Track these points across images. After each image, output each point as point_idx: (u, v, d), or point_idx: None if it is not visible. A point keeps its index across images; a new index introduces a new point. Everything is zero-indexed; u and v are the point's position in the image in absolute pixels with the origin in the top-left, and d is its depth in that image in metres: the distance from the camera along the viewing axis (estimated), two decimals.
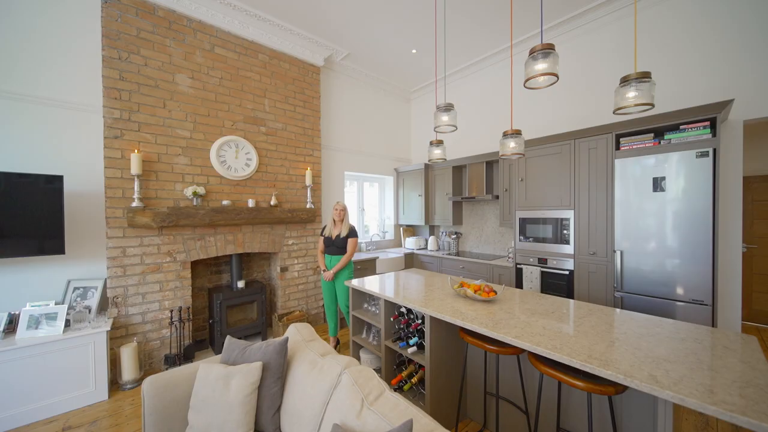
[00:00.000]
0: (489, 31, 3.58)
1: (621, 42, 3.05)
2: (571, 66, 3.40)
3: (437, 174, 4.61)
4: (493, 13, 3.26)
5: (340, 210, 3.06)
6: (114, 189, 2.57)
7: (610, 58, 3.12)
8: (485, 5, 3.13)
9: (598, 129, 2.73)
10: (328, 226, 3.09)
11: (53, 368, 2.16)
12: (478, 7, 3.17)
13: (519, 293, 2.16)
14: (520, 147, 2.05)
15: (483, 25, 3.45)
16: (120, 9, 2.59)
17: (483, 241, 4.33)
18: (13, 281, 2.33)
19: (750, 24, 2.43)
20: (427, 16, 3.30)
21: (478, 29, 3.54)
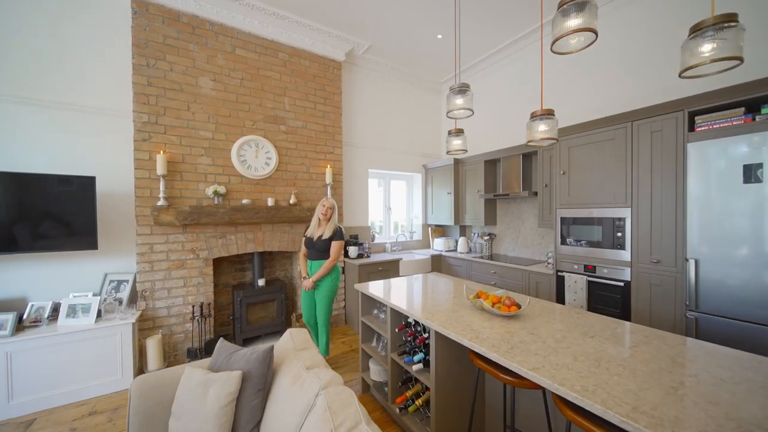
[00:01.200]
0: (527, 5, 3.14)
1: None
2: (622, 32, 2.82)
3: (468, 169, 4.24)
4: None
5: (327, 207, 2.64)
6: (142, 189, 2.72)
7: (679, 14, 2.50)
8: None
9: (665, 106, 2.19)
10: (312, 225, 2.68)
11: (85, 355, 2.33)
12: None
13: (551, 308, 1.79)
14: (553, 131, 1.69)
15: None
16: (148, 18, 2.74)
17: (519, 243, 3.86)
18: (59, 273, 2.58)
19: None
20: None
21: (514, 4, 3.12)
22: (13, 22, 2.41)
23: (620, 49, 2.89)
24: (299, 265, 2.73)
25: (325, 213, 2.64)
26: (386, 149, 4.50)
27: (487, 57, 4.13)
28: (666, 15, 2.60)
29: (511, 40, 3.75)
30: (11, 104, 2.41)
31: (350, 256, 3.81)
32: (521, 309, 1.61)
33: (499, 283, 3.46)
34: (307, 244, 2.65)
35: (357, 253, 3.83)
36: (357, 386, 2.43)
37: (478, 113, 4.39)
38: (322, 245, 2.61)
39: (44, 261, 2.52)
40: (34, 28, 2.47)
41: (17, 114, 2.43)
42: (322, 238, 2.60)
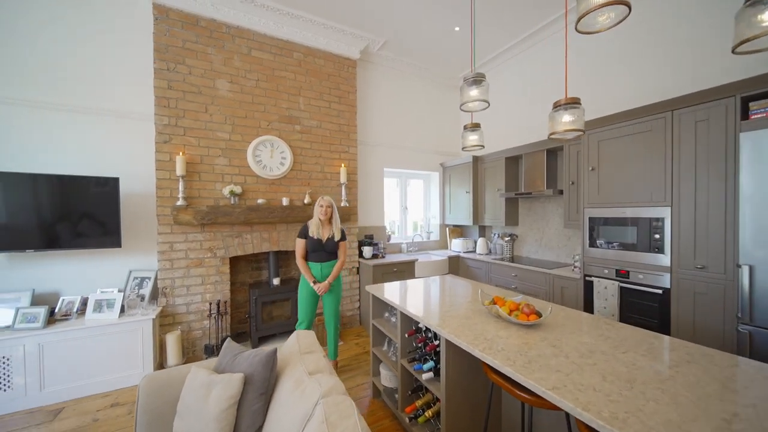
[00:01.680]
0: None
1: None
2: (660, 9, 2.55)
3: (487, 167, 4.05)
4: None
5: (326, 207, 2.51)
6: (163, 189, 2.81)
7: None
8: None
9: (713, 92, 1.94)
10: (313, 227, 2.49)
11: (110, 349, 2.44)
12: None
13: (576, 318, 1.63)
14: (579, 122, 1.53)
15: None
16: (168, 24, 2.82)
17: (543, 245, 3.63)
18: (88, 269, 2.72)
19: None
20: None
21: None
22: (48, 34, 2.56)
23: (657, 30, 2.62)
24: (302, 272, 2.49)
25: (325, 212, 2.51)
26: (402, 147, 4.41)
27: (508, 49, 3.93)
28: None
29: (533, 29, 3.54)
30: (45, 110, 2.56)
31: (364, 256, 3.76)
32: (542, 318, 1.47)
33: (520, 287, 3.27)
34: (315, 246, 2.48)
35: (371, 253, 3.77)
36: (368, 391, 2.37)
37: (498, 108, 4.20)
38: (332, 246, 2.54)
39: (74, 258, 2.66)
40: (64, 40, 2.61)
41: (49, 119, 2.58)
42: (333, 240, 2.53)
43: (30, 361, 2.20)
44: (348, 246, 3.73)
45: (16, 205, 2.34)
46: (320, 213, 2.51)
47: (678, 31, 2.50)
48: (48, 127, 2.57)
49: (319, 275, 2.52)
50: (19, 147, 2.49)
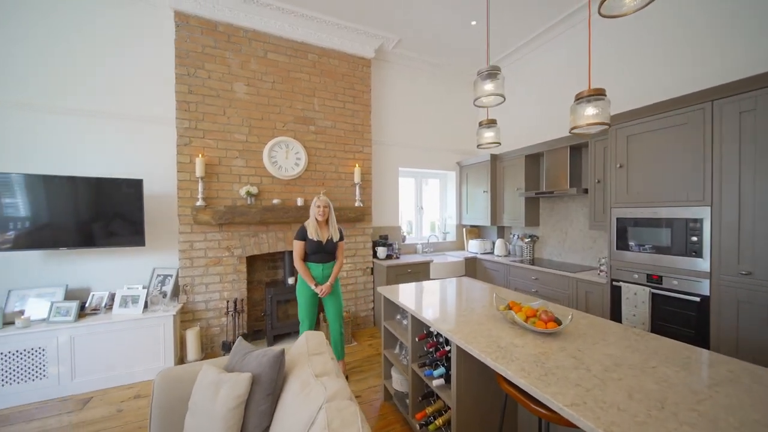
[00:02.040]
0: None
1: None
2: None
3: (506, 165, 3.90)
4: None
5: (323, 207, 2.43)
6: (184, 190, 2.91)
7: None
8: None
9: (762, 78, 1.74)
10: (311, 228, 2.42)
11: (134, 342, 2.55)
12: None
13: (601, 326, 1.51)
14: (604, 115, 1.41)
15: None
16: (189, 30, 2.92)
17: (567, 247, 3.44)
18: (117, 266, 2.86)
19: None
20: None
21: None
22: (82, 47, 2.71)
23: (690, 13, 2.40)
24: (301, 275, 2.42)
25: (322, 213, 2.43)
26: (418, 147, 4.34)
27: (527, 42, 3.76)
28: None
29: (555, 20, 3.37)
30: (78, 116, 2.72)
31: (378, 256, 3.73)
32: (561, 326, 1.37)
33: (541, 291, 3.12)
34: (315, 248, 2.42)
35: (386, 253, 3.73)
36: (380, 393, 2.34)
37: (518, 104, 4.04)
38: (332, 247, 2.49)
39: (103, 255, 2.81)
40: (95, 52, 2.76)
41: (80, 124, 2.73)
42: (332, 241, 2.48)
43: (63, 352, 2.34)
44: (363, 246, 3.74)
45: (55, 206, 2.51)
46: (317, 213, 2.43)
47: (715, 13, 2.28)
48: (80, 131, 2.73)
49: (320, 276, 2.46)
50: (57, 151, 2.66)
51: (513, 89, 4.11)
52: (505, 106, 4.17)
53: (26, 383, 2.25)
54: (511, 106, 4.13)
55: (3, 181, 2.39)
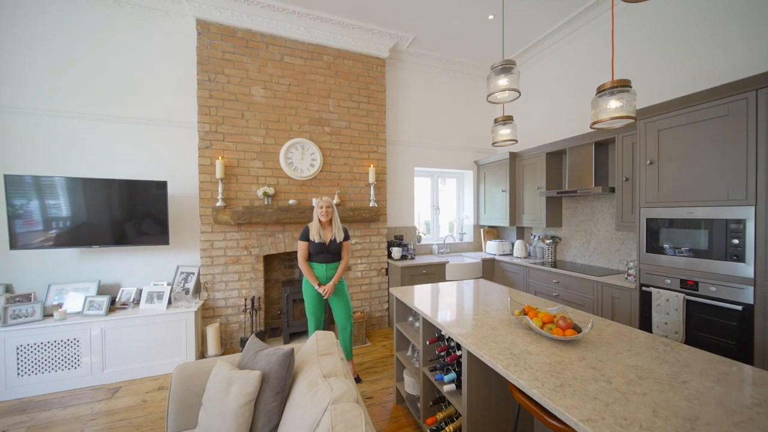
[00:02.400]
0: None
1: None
2: None
3: (526, 164, 3.76)
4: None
5: (326, 208, 2.42)
6: (205, 191, 3.03)
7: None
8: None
9: None
10: (314, 229, 2.42)
11: (159, 336, 2.68)
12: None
13: (627, 335, 1.40)
14: (629, 108, 1.31)
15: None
16: (209, 37, 3.03)
17: (592, 249, 3.26)
18: (144, 264, 3.02)
19: None
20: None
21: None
22: (113, 58, 2.89)
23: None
24: (305, 275, 2.43)
25: (324, 213, 2.43)
26: (434, 146, 4.28)
27: (548, 35, 3.60)
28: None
29: (577, 11, 3.20)
30: (108, 122, 2.90)
31: (393, 257, 3.71)
32: (581, 333, 1.29)
33: (562, 295, 2.97)
34: (318, 248, 2.41)
35: (400, 254, 3.70)
36: (392, 395, 2.31)
37: (538, 100, 3.88)
38: (336, 248, 2.48)
39: (132, 253, 2.97)
40: (124, 62, 2.93)
41: (110, 129, 2.91)
42: (336, 241, 2.47)
43: (94, 343, 2.50)
44: (377, 246, 3.73)
45: (92, 207, 2.68)
46: (320, 214, 2.43)
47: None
48: (111, 136, 2.90)
49: (323, 277, 2.45)
50: (88, 155, 2.84)
51: (533, 85, 3.95)
52: (525, 103, 4.03)
53: (62, 371, 2.41)
54: (530, 102, 3.98)
55: (48, 183, 2.59)
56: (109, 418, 2.12)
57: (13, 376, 2.29)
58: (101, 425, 2.05)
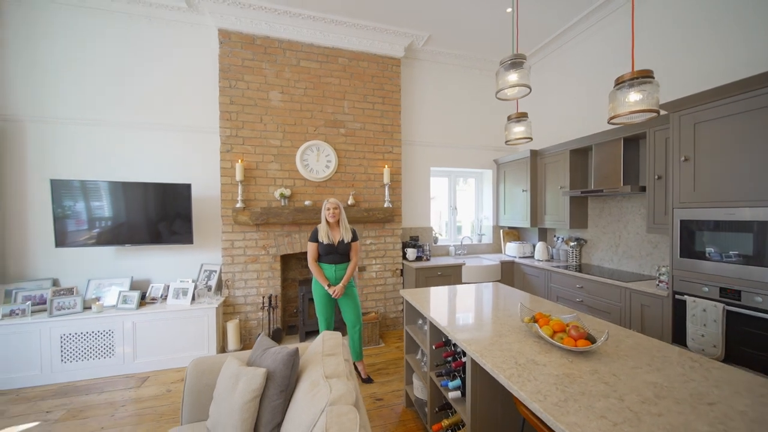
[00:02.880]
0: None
1: None
2: None
3: (548, 162, 3.58)
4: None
5: (333, 209, 2.46)
6: (226, 193, 3.17)
7: None
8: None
9: None
10: (322, 230, 2.46)
11: (183, 330, 2.84)
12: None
13: (649, 347, 1.29)
14: (650, 101, 1.21)
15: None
16: (230, 46, 3.17)
17: (621, 252, 3.04)
18: (171, 261, 3.21)
19: None
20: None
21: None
22: (142, 70, 3.10)
23: None
24: (315, 275, 2.48)
25: (332, 215, 2.46)
26: (451, 145, 4.19)
27: (570, 27, 3.41)
28: None
29: (598, 3, 3.00)
30: (137, 129, 3.11)
31: (408, 258, 3.68)
32: (594, 344, 1.20)
33: (587, 301, 2.80)
34: (327, 249, 2.45)
35: (415, 255, 3.66)
36: (402, 398, 2.29)
37: (561, 95, 3.69)
38: (345, 248, 2.50)
39: (160, 252, 3.17)
40: (153, 73, 3.13)
41: (139, 136, 3.12)
42: (344, 242, 2.48)
43: (127, 335, 2.69)
44: (392, 247, 3.71)
45: (129, 208, 2.89)
46: (328, 215, 2.47)
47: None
48: (139, 142, 3.11)
49: (332, 277, 2.48)
50: (118, 159, 3.07)
51: (556, 79, 3.76)
52: (546, 98, 3.85)
53: (99, 360, 2.63)
54: (553, 97, 3.79)
55: (93, 187, 2.83)
56: (137, 405, 2.27)
57: (57, 362, 2.53)
58: (130, 411, 2.21)
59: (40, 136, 2.88)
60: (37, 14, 2.86)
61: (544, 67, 3.97)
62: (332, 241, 2.46)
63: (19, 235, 2.85)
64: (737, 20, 2.19)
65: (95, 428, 2.02)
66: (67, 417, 2.13)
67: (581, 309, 2.85)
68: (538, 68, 4.06)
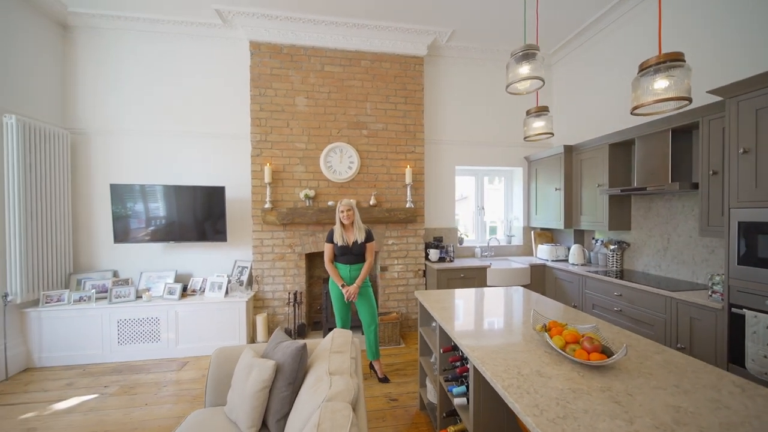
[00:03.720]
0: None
1: None
2: None
3: (585, 158, 3.30)
4: None
5: (346, 211, 2.49)
6: (256, 194, 3.38)
7: None
8: None
9: None
10: (337, 232, 2.52)
11: (218, 321, 3.09)
12: None
13: (683, 367, 1.14)
14: (679, 87, 1.07)
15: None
16: (260, 56, 3.38)
17: (670, 258, 2.71)
18: (209, 257, 3.51)
19: None
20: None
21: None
22: (184, 83, 3.43)
23: None
24: (330, 275, 2.56)
25: (346, 217, 2.50)
26: (478, 143, 4.05)
27: (605, 14, 3.10)
28: None
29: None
30: (176, 136, 3.44)
31: (430, 259, 3.62)
32: (610, 359, 1.09)
33: (626, 310, 2.54)
34: (342, 250, 2.51)
35: (438, 256, 3.59)
36: (417, 401, 2.27)
37: (597, 86, 3.38)
38: (359, 249, 2.52)
39: (200, 248, 3.48)
40: (195, 87, 3.44)
41: (180, 143, 3.45)
42: (358, 242, 2.51)
43: (170, 323, 3.00)
44: (414, 248, 3.68)
45: (178, 209, 3.22)
46: (342, 218, 2.51)
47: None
48: (180, 148, 3.44)
49: (347, 277, 2.53)
50: (163, 164, 3.42)
51: (589, 71, 3.46)
52: (580, 91, 3.56)
53: (147, 344, 2.96)
54: (586, 90, 3.49)
55: (151, 190, 3.20)
56: (177, 387, 2.52)
57: (114, 343, 2.90)
58: (171, 392, 2.46)
59: (102, 146, 3.32)
60: (102, 40, 3.30)
61: (574, 59, 3.67)
62: (347, 242, 2.52)
63: (87, 232, 3.31)
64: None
65: (141, 404, 2.29)
66: (120, 392, 2.44)
67: (620, 319, 2.59)
68: (567, 61, 3.78)
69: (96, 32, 3.29)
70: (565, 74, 3.96)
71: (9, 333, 2.65)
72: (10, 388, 2.46)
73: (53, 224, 2.97)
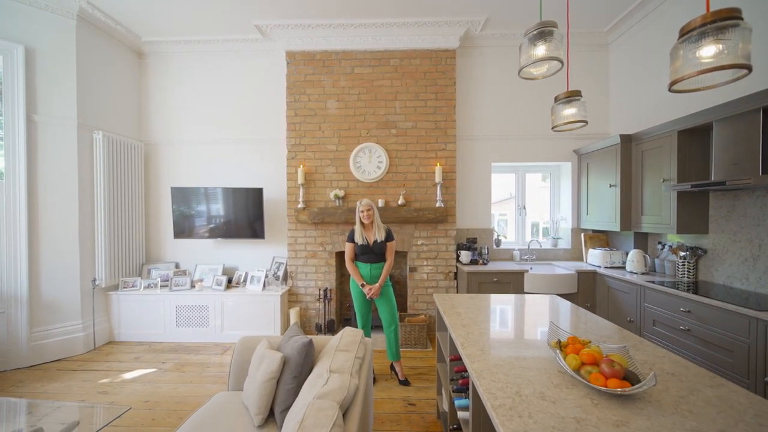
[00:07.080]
0: None
1: None
2: None
3: (646, 148, 2.83)
4: None
5: (367, 211, 2.52)
6: (291, 195, 3.59)
7: None
8: None
9: None
10: (357, 233, 2.55)
11: (257, 312, 3.36)
12: None
13: (734, 403, 0.90)
14: (736, 53, 0.84)
15: None
16: (295, 64, 3.57)
17: (762, 269, 2.18)
18: (251, 253, 3.82)
19: None
20: None
21: None
22: (226, 94, 3.79)
23: None
24: (351, 274, 2.61)
25: (366, 216, 2.52)
26: (517, 137, 3.74)
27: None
28: None
29: None
30: (220, 144, 3.80)
31: (461, 261, 3.45)
32: (633, 388, 0.91)
33: (695, 330, 2.11)
34: (363, 249, 2.54)
35: (470, 258, 3.41)
36: (434, 408, 2.18)
37: (659, 66, 2.86)
38: (380, 248, 2.53)
39: (243, 245, 3.81)
40: (235, 97, 3.79)
41: (225, 149, 3.81)
42: (378, 242, 2.52)
43: (217, 311, 3.34)
44: (445, 249, 3.55)
45: (231, 209, 3.59)
46: (362, 217, 2.54)
47: None
48: (224, 154, 3.81)
49: (368, 276, 2.54)
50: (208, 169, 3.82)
51: (654, 47, 2.93)
52: (642, 71, 3.05)
53: (198, 328, 3.34)
54: (651, 69, 2.97)
55: (212, 192, 3.62)
56: (219, 369, 2.80)
57: (173, 326, 3.33)
58: (213, 372, 2.74)
59: (166, 154, 3.84)
60: (167, 63, 3.82)
61: (633, 36, 3.15)
62: (367, 242, 2.53)
63: (156, 228, 3.86)
64: None
65: (187, 380, 2.59)
66: (173, 369, 2.79)
67: (687, 340, 2.16)
68: (626, 38, 3.26)
69: (162, 56, 3.82)
70: (622, 55, 3.44)
71: (97, 311, 3.22)
72: (95, 357, 2.99)
73: (131, 222, 3.52)
